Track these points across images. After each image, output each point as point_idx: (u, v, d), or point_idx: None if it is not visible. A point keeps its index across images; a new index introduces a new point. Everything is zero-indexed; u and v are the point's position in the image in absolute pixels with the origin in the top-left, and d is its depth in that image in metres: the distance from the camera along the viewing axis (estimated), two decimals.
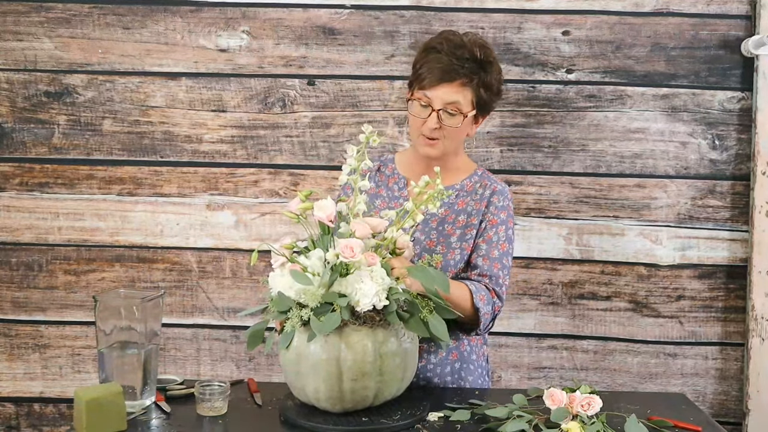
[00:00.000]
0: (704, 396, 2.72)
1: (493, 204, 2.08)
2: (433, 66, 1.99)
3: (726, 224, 2.68)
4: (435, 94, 1.99)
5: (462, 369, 2.11)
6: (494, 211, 2.07)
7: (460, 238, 2.06)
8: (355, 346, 1.71)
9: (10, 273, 2.74)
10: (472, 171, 2.15)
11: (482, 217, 2.07)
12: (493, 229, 2.06)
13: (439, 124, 1.99)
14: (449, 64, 1.98)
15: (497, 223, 2.07)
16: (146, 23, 2.66)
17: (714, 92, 2.65)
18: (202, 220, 2.71)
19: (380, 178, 2.17)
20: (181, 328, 2.74)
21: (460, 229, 2.07)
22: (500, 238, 2.06)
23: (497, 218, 2.07)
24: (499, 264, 2.05)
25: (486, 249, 2.05)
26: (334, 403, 1.76)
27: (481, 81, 2.01)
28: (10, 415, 2.77)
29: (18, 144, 2.71)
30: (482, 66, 2.02)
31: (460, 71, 1.98)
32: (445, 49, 2.00)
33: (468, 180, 2.13)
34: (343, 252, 1.70)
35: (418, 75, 2.02)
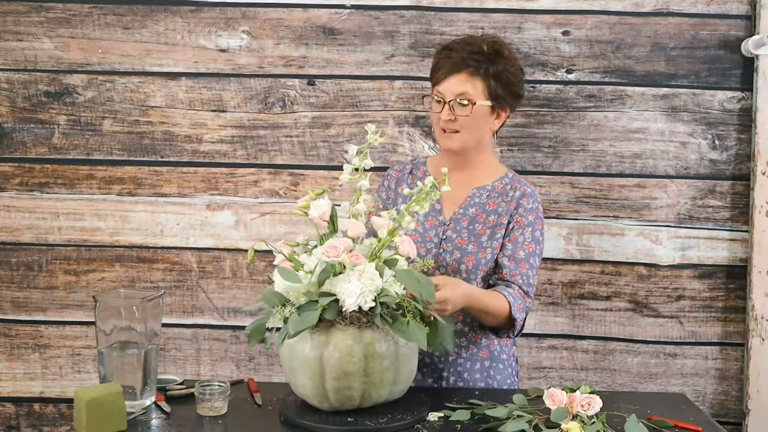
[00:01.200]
0: (704, 396, 2.72)
1: (522, 206, 2.12)
2: (443, 62, 2.10)
3: (726, 224, 2.68)
4: (445, 87, 2.08)
5: (491, 368, 2.13)
6: (522, 213, 2.11)
7: (490, 237, 2.10)
8: (339, 346, 1.72)
9: (10, 273, 2.74)
10: (503, 173, 2.20)
11: (510, 218, 2.12)
12: (520, 230, 2.10)
13: (452, 115, 2.06)
14: (458, 58, 2.08)
15: (524, 225, 2.10)
16: (146, 23, 2.66)
17: (714, 92, 2.65)
18: (202, 220, 2.71)
19: (412, 180, 2.21)
20: (181, 328, 2.74)
21: (490, 228, 2.11)
22: (526, 239, 2.10)
23: (525, 220, 2.11)
24: (526, 264, 2.08)
25: (512, 249, 2.09)
26: (320, 401, 1.77)
27: (489, 71, 2.08)
28: (10, 415, 2.77)
29: (18, 144, 2.71)
30: (490, 57, 2.09)
31: (468, 62, 2.07)
32: (456, 47, 2.10)
33: (499, 182, 2.18)
34: (326, 251, 1.71)
35: (433, 75, 2.13)
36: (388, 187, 2.23)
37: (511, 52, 2.16)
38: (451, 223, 2.12)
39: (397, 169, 2.25)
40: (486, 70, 2.07)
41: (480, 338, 2.12)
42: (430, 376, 2.12)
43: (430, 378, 2.12)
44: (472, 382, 2.12)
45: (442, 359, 2.11)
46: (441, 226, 2.12)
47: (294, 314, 1.69)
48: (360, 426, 1.74)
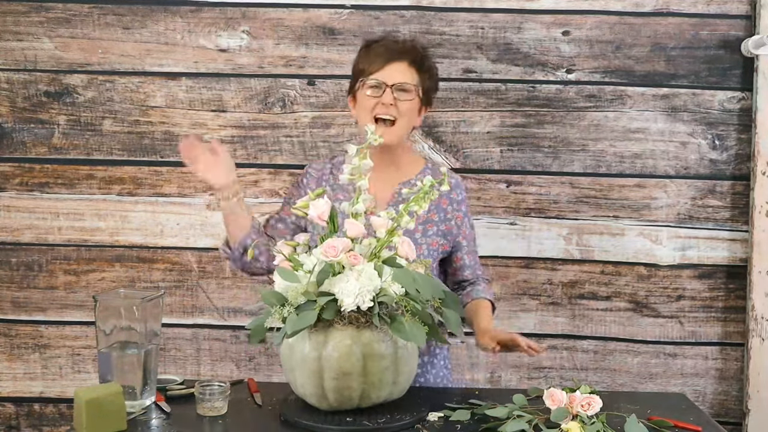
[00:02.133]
0: (704, 396, 2.72)
1: (454, 200, 2.15)
2: (378, 52, 2.07)
3: (726, 224, 2.68)
4: (386, 74, 2.05)
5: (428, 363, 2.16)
6: (457, 207, 2.15)
7: (423, 234, 2.10)
8: (338, 346, 1.72)
9: (10, 273, 2.74)
10: (422, 165, 2.19)
11: (447, 215, 2.13)
12: (463, 224, 2.16)
13: (394, 100, 2.03)
14: (393, 47, 2.08)
15: (462, 217, 2.16)
16: (146, 23, 2.66)
17: (714, 92, 2.65)
18: (202, 220, 2.71)
19: (335, 182, 2.14)
20: (181, 328, 2.74)
21: (422, 225, 2.10)
22: (471, 229, 2.19)
23: (460, 212, 2.16)
24: (477, 255, 2.21)
25: (467, 245, 2.18)
26: (319, 401, 1.77)
27: (423, 65, 2.09)
28: (10, 415, 2.77)
29: (18, 144, 2.71)
30: (422, 53, 2.11)
31: (405, 53, 2.07)
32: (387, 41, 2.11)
33: (421, 174, 2.15)
34: (325, 251, 1.71)
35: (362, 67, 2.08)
36: (306, 185, 2.15)
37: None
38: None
39: (317, 168, 2.17)
40: (422, 64, 2.08)
41: None
42: None
43: None
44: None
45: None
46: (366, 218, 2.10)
47: (292, 314, 1.70)
48: (359, 426, 1.74)
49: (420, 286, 1.73)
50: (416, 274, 1.75)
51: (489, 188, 2.68)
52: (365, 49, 2.11)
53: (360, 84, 2.07)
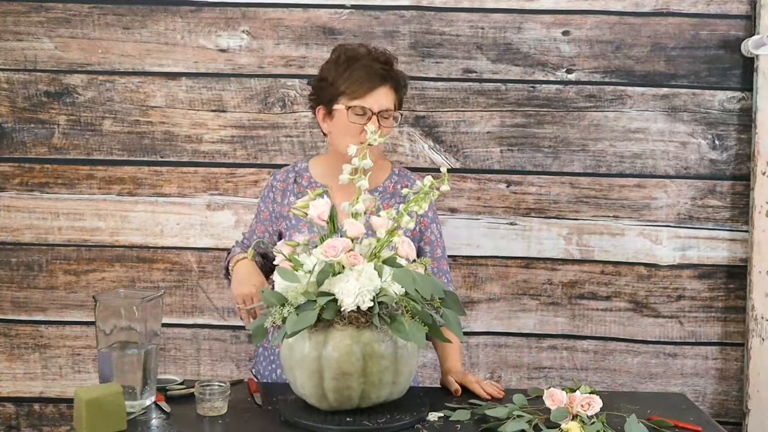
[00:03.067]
0: (704, 396, 2.72)
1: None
2: (362, 74, 2.03)
3: (726, 224, 2.68)
4: (372, 101, 2.02)
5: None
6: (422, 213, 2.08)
7: None
8: (337, 346, 1.72)
9: (10, 273, 2.74)
10: (389, 170, 2.18)
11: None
12: (428, 230, 2.15)
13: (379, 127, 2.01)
14: (378, 71, 2.03)
15: (429, 224, 2.16)
16: (146, 23, 2.66)
17: (714, 92, 2.66)
18: (202, 220, 2.71)
19: (298, 190, 2.14)
20: (181, 328, 2.74)
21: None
22: (437, 236, 2.17)
23: (427, 218, 2.15)
24: (445, 262, 2.17)
25: (430, 251, 2.15)
26: (319, 401, 1.77)
27: (400, 83, 2.09)
28: (10, 415, 2.77)
29: (18, 144, 2.71)
30: (395, 69, 2.09)
31: (388, 76, 2.05)
32: (366, 58, 2.05)
33: (388, 180, 2.16)
34: (325, 251, 1.71)
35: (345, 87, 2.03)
36: (273, 200, 2.15)
37: None
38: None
39: (281, 180, 2.16)
40: (399, 83, 2.08)
41: None
42: None
43: None
44: None
45: None
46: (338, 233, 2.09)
47: (292, 314, 1.70)
48: (359, 426, 1.74)
49: (420, 286, 1.73)
50: (416, 274, 1.75)
51: (489, 188, 2.68)
52: (344, 65, 2.05)
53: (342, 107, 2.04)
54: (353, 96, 2.02)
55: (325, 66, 2.11)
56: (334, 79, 2.05)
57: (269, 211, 2.15)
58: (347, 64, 2.05)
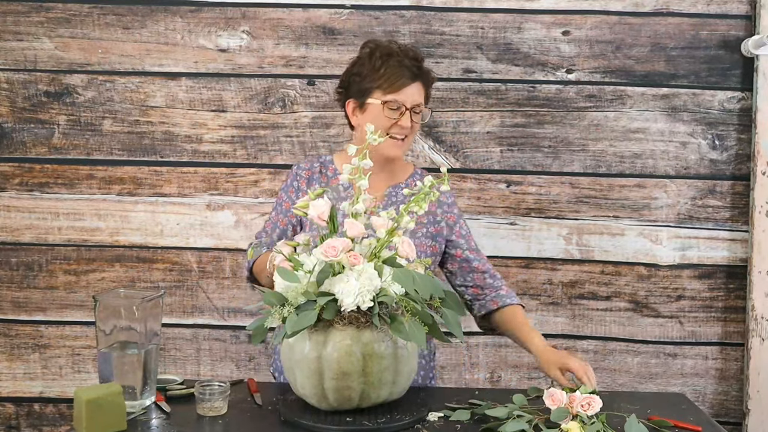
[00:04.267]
0: (704, 396, 2.72)
1: (444, 202, 2.18)
2: (398, 70, 2.07)
3: (726, 224, 2.68)
4: (405, 96, 2.07)
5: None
6: (448, 209, 2.18)
7: (412, 235, 2.12)
8: (337, 346, 1.72)
9: (10, 273, 2.74)
10: (412, 170, 2.23)
11: (438, 217, 2.16)
12: (457, 224, 2.19)
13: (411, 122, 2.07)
14: (411, 67, 2.08)
15: (457, 219, 2.19)
16: (146, 23, 2.66)
17: (714, 92, 2.66)
18: (202, 220, 2.71)
19: (323, 180, 2.16)
20: (181, 328, 2.74)
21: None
22: (467, 230, 2.20)
23: (453, 214, 2.19)
24: (481, 252, 2.21)
25: (466, 242, 2.18)
26: (319, 401, 1.77)
27: (429, 80, 2.13)
28: (10, 415, 2.77)
29: (18, 144, 2.71)
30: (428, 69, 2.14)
31: (420, 73, 2.09)
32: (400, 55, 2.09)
33: (411, 179, 2.19)
34: (325, 251, 1.71)
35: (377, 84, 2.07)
36: (298, 188, 2.15)
37: None
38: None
39: (305, 168, 2.17)
40: (428, 81, 2.13)
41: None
42: None
43: None
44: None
45: None
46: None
47: (292, 314, 1.70)
48: (359, 426, 1.74)
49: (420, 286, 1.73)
50: (416, 274, 1.75)
51: (489, 188, 2.68)
52: (380, 61, 2.08)
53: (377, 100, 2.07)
54: (388, 90, 2.06)
55: (358, 61, 2.14)
56: (368, 74, 2.09)
57: (292, 201, 2.14)
58: (382, 59, 2.09)
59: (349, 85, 2.13)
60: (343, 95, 2.16)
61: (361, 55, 2.14)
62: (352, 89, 2.12)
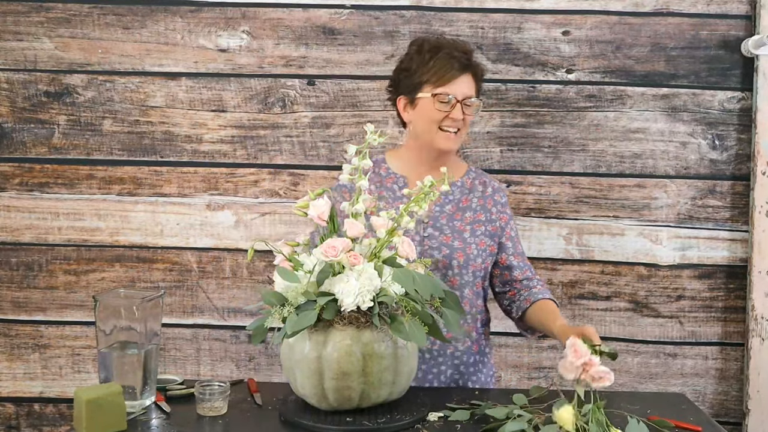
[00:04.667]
0: (704, 396, 2.72)
1: (498, 202, 2.19)
2: (447, 63, 2.08)
3: (726, 224, 2.68)
4: (456, 88, 2.08)
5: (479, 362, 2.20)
6: (501, 209, 2.19)
7: (472, 233, 2.14)
8: (337, 346, 1.72)
9: (10, 273, 2.74)
10: (466, 168, 2.24)
11: (492, 216, 2.17)
12: (508, 226, 2.19)
13: (463, 114, 2.08)
14: (461, 59, 2.09)
15: (508, 220, 2.20)
16: (146, 23, 2.66)
17: (714, 92, 2.66)
18: (202, 220, 2.71)
19: (377, 180, 2.18)
20: (181, 328, 2.74)
21: (469, 225, 2.15)
22: (516, 232, 2.22)
23: (506, 215, 2.20)
24: (526, 257, 2.22)
25: (512, 246, 2.19)
26: (319, 401, 1.77)
27: (479, 73, 2.15)
28: (10, 415, 2.77)
29: (18, 144, 2.71)
30: (476, 60, 2.16)
31: (469, 65, 2.10)
32: (449, 48, 2.10)
33: (466, 177, 2.21)
34: (325, 251, 1.71)
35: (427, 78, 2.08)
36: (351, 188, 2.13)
37: None
38: (430, 220, 2.13)
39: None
40: (479, 73, 2.14)
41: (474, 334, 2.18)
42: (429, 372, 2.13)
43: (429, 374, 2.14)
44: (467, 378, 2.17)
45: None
46: (420, 225, 2.12)
47: (292, 314, 1.70)
48: (359, 426, 1.74)
49: (420, 286, 1.73)
50: (416, 274, 1.76)
51: None
52: (428, 55, 2.10)
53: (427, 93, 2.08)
54: (438, 83, 2.08)
55: (406, 57, 2.16)
56: (417, 68, 2.10)
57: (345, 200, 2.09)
58: (431, 53, 2.10)
59: (399, 81, 2.15)
60: (393, 93, 2.18)
61: (410, 51, 2.16)
62: (402, 86, 2.14)
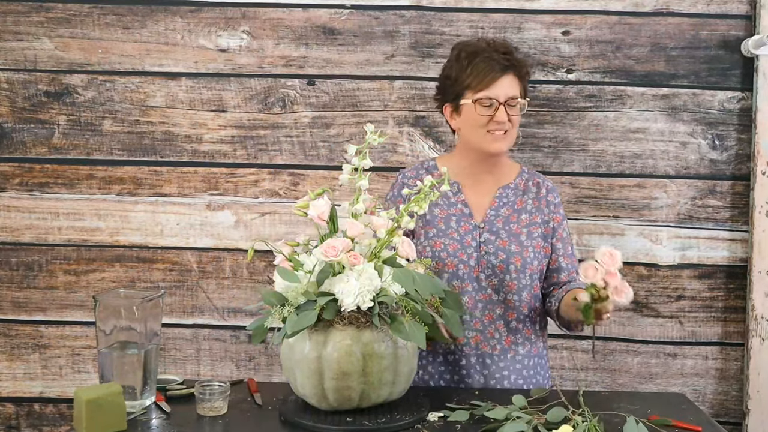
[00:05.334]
0: (704, 396, 2.72)
1: (552, 203, 2.19)
2: (486, 66, 2.07)
3: (726, 224, 2.68)
4: (497, 90, 2.07)
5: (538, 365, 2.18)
6: (554, 209, 2.19)
7: (528, 236, 2.13)
8: (337, 346, 1.72)
9: (10, 273, 2.74)
10: (519, 169, 2.24)
11: (546, 216, 2.17)
12: (560, 226, 2.19)
13: (507, 116, 2.07)
14: (501, 60, 2.08)
15: (561, 220, 2.20)
16: (146, 23, 2.66)
17: (714, 92, 2.65)
18: (202, 220, 2.71)
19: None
20: (181, 328, 2.74)
21: (526, 227, 2.14)
22: (568, 233, 2.21)
23: (559, 215, 2.20)
24: (576, 259, 2.19)
25: (562, 248, 2.18)
26: (319, 401, 1.77)
27: (523, 72, 2.13)
28: (10, 415, 2.77)
29: (18, 144, 2.71)
30: (519, 59, 2.14)
31: (510, 65, 2.09)
32: (487, 50, 2.09)
33: (519, 178, 2.21)
34: (325, 251, 1.72)
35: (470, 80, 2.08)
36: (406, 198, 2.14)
37: None
38: (486, 225, 2.12)
39: (411, 177, 2.17)
40: (522, 71, 2.12)
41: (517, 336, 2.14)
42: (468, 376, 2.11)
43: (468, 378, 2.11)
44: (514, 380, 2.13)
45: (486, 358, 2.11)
46: (476, 230, 2.11)
47: (292, 314, 1.70)
48: (359, 426, 1.74)
49: (420, 286, 1.73)
50: (416, 274, 1.76)
51: None
52: (466, 61, 2.10)
53: (469, 99, 2.08)
54: (478, 88, 2.07)
55: (447, 65, 2.16)
56: (458, 75, 2.10)
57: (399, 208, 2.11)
58: (468, 59, 2.10)
59: (443, 89, 2.16)
60: (439, 101, 2.18)
61: (450, 57, 2.16)
62: (446, 93, 2.14)
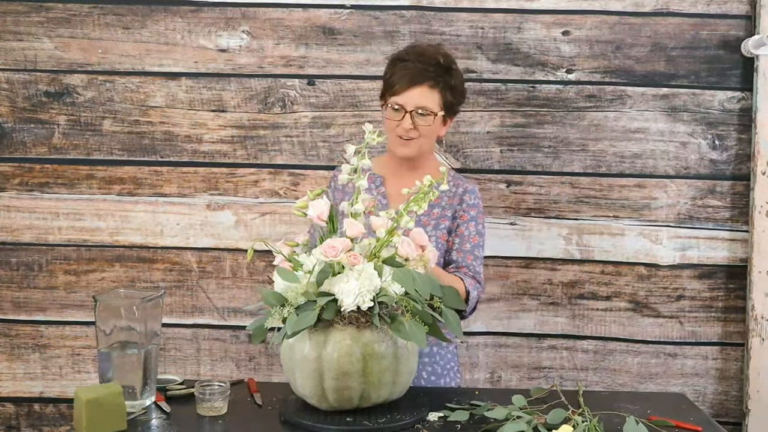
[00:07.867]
0: (704, 396, 2.72)
1: (465, 202, 2.22)
2: (402, 73, 2.15)
3: (726, 224, 2.68)
4: (405, 98, 2.13)
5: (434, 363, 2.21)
6: (465, 209, 2.22)
7: (435, 227, 2.19)
8: (337, 346, 1.72)
9: (10, 273, 2.74)
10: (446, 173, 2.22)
11: (456, 213, 2.21)
12: (464, 224, 2.21)
13: (413, 124, 2.13)
14: (416, 70, 2.14)
15: (467, 219, 2.22)
16: (146, 23, 2.66)
17: (714, 92, 2.65)
18: (202, 220, 2.71)
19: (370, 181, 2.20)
20: (181, 328, 2.74)
21: (434, 220, 2.20)
22: (471, 232, 2.21)
23: (467, 215, 2.22)
24: (471, 255, 2.20)
25: (459, 243, 2.21)
26: (319, 401, 1.77)
27: (446, 84, 2.16)
28: (10, 415, 2.77)
29: (18, 144, 2.71)
30: (446, 70, 2.17)
31: (427, 75, 2.14)
32: (411, 58, 2.16)
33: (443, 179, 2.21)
34: (325, 251, 1.72)
35: (389, 84, 2.17)
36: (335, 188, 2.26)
37: (456, 62, 2.24)
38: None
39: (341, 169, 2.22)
40: (444, 83, 2.15)
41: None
42: None
43: None
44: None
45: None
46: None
47: (292, 314, 1.70)
48: (359, 426, 1.74)
49: (420, 286, 1.73)
50: (416, 273, 1.76)
51: (489, 188, 2.68)
52: (392, 65, 2.19)
53: (386, 100, 2.17)
54: (391, 93, 2.16)
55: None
56: (385, 78, 2.20)
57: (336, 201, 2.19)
58: (393, 64, 2.19)
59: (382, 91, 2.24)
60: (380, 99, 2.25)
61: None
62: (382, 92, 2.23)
